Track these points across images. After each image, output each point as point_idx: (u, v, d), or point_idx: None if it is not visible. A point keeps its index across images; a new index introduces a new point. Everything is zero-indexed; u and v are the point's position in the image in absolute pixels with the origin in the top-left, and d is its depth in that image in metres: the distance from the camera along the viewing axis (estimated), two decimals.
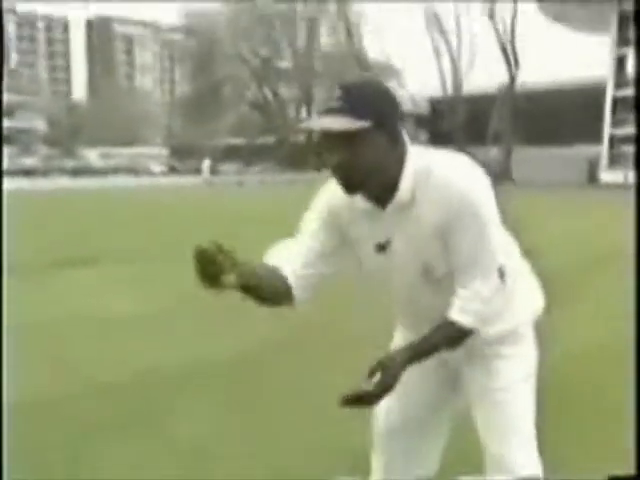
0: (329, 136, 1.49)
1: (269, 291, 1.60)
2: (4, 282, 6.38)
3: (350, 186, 1.55)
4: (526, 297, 1.80)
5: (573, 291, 6.28)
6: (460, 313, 1.58)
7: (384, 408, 1.92)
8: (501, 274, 1.56)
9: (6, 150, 48.99)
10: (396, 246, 1.63)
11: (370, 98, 1.49)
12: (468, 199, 1.50)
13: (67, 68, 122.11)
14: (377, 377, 1.56)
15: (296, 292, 1.68)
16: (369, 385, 1.56)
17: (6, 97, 52.18)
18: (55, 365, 4.26)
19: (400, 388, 1.87)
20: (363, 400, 1.55)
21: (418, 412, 1.91)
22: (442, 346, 1.64)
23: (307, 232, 1.72)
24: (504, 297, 1.61)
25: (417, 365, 1.79)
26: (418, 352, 1.62)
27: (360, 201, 1.63)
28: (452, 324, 1.59)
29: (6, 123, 50.24)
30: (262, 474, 2.78)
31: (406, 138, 1.57)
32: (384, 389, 1.55)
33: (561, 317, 4.95)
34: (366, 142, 1.48)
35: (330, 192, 1.71)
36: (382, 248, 1.65)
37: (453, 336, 1.62)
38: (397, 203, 1.57)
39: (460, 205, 1.50)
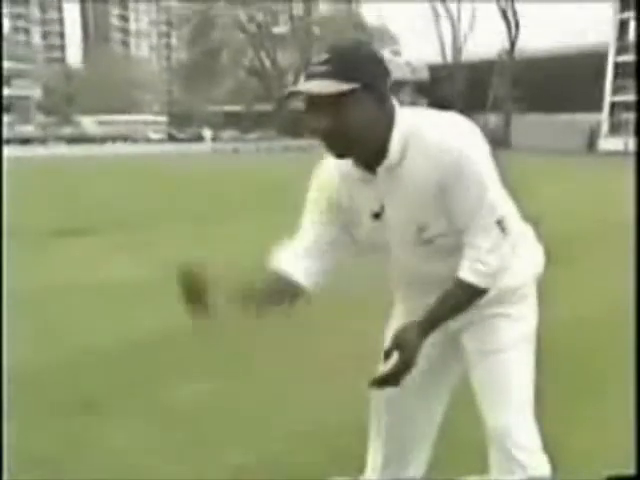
0: (316, 101, 1.48)
1: (271, 295, 1.67)
2: (4, 250, 6.39)
3: (339, 150, 1.54)
4: (526, 256, 1.78)
5: (572, 258, 6.29)
6: (470, 274, 1.57)
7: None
8: (502, 228, 1.55)
9: (5, 118, 48.48)
10: (390, 210, 1.63)
11: (357, 60, 1.48)
12: (463, 157, 1.49)
13: (61, 34, 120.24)
14: (395, 357, 1.57)
15: (305, 282, 1.71)
16: (388, 367, 1.57)
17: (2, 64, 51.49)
18: (49, 333, 4.25)
19: None
20: (389, 381, 1.59)
21: (417, 379, 1.85)
22: (457, 309, 1.63)
23: (308, 222, 1.76)
24: (509, 247, 1.59)
25: None
26: (434, 320, 1.61)
27: (352, 169, 1.62)
28: (464, 286, 1.58)
29: (4, 92, 49.61)
30: (258, 443, 2.81)
31: (394, 101, 1.56)
32: (406, 367, 1.56)
33: (560, 283, 4.97)
34: (353, 105, 1.47)
35: (323, 168, 1.73)
36: (377, 216, 1.65)
37: (467, 297, 1.60)
38: (387, 165, 1.56)
39: (455, 164, 1.49)
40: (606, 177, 18.19)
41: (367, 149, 1.55)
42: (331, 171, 1.70)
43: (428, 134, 1.52)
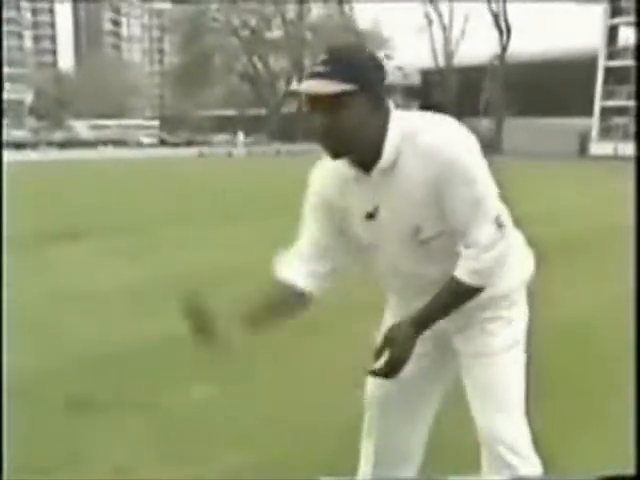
0: (314, 100, 1.53)
1: (278, 308, 1.77)
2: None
3: (334, 149, 1.58)
4: (517, 262, 1.79)
5: (567, 260, 6.31)
6: (466, 274, 1.60)
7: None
8: (499, 224, 1.59)
9: None
10: (384, 212, 1.65)
11: (355, 62, 1.52)
12: (454, 158, 1.53)
13: (53, 38, 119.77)
14: (386, 355, 1.63)
15: (309, 286, 1.76)
16: (378, 365, 1.63)
17: None
18: (42, 339, 4.21)
19: None
20: (386, 375, 1.65)
21: (410, 380, 1.89)
22: (451, 307, 1.66)
23: (306, 228, 1.79)
24: (506, 243, 1.62)
25: None
26: (428, 317, 1.66)
27: (346, 169, 1.66)
28: (460, 285, 1.61)
29: None
30: (258, 446, 2.83)
31: (390, 103, 1.61)
32: (398, 362, 1.62)
33: (554, 286, 4.98)
34: (350, 105, 1.51)
35: (318, 170, 1.76)
36: (371, 216, 1.68)
37: (462, 296, 1.64)
38: (381, 167, 1.60)
39: (447, 164, 1.52)
40: (600, 180, 18.28)
41: (362, 149, 1.58)
42: (325, 171, 1.73)
43: (420, 136, 1.55)
